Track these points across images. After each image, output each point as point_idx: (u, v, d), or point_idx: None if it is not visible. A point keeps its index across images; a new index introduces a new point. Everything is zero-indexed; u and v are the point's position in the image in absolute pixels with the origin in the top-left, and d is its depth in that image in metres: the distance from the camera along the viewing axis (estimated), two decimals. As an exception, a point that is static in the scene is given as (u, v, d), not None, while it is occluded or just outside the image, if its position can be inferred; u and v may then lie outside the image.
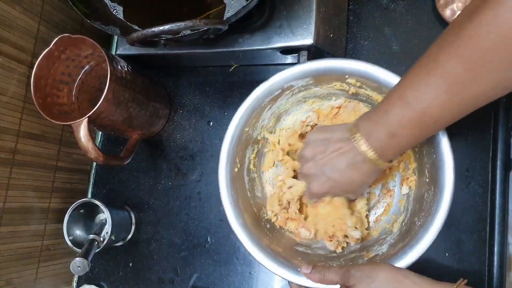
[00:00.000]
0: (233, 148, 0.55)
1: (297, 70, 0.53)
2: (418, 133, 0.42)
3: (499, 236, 0.55)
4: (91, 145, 0.55)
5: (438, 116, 0.40)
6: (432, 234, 0.47)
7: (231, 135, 0.55)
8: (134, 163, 0.73)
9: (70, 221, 0.66)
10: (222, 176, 0.54)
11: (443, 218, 0.47)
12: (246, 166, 0.58)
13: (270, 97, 0.55)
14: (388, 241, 0.53)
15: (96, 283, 0.72)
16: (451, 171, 0.47)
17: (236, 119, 0.55)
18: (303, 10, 0.57)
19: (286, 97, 0.57)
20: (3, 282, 0.61)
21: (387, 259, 0.48)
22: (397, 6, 0.64)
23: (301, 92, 0.57)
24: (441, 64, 0.37)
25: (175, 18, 0.47)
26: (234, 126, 0.55)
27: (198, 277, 0.68)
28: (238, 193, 0.55)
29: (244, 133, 0.56)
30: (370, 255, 0.52)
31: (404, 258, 0.47)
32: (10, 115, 0.60)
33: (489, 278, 0.55)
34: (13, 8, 0.59)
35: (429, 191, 0.50)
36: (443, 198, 0.47)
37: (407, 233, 0.50)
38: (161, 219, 0.71)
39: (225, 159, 0.54)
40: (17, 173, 0.62)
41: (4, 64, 0.59)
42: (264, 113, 0.57)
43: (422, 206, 0.51)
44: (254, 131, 0.58)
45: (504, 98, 0.58)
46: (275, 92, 0.55)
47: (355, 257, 0.53)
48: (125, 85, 0.60)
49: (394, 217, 0.56)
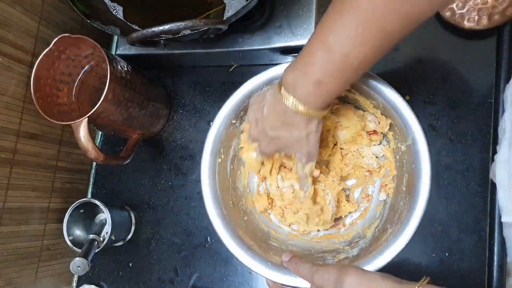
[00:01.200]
0: (219, 138, 0.56)
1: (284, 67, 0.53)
2: (345, 77, 0.42)
3: (499, 236, 0.55)
4: (91, 145, 0.55)
5: (360, 58, 0.39)
6: (402, 242, 0.47)
7: (218, 126, 0.55)
8: (134, 163, 0.73)
9: (70, 221, 0.66)
10: (205, 165, 0.55)
11: (414, 228, 0.47)
12: (230, 158, 0.59)
13: (260, 92, 0.55)
14: (360, 245, 0.53)
15: (96, 283, 0.72)
16: (427, 183, 0.48)
17: (224, 110, 0.55)
18: (303, 10, 0.58)
19: None
20: (3, 282, 0.61)
21: (356, 261, 0.49)
22: (397, 6, 0.64)
23: None
24: (354, 2, 0.37)
25: (175, 18, 0.47)
26: (222, 117, 0.55)
27: (198, 277, 0.68)
28: (219, 183, 0.55)
29: (231, 125, 0.56)
30: (340, 257, 0.53)
31: (372, 263, 0.47)
32: (10, 115, 0.60)
33: (489, 278, 0.55)
34: (13, 8, 0.59)
35: (404, 199, 0.51)
36: (416, 208, 0.48)
37: (379, 239, 0.51)
38: (161, 219, 0.71)
39: (210, 148, 0.55)
40: (17, 173, 0.62)
41: (4, 64, 0.59)
42: None
43: (396, 214, 0.51)
44: (242, 124, 0.58)
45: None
46: (265, 87, 0.55)
47: (325, 257, 0.53)
48: (125, 85, 0.60)
49: (369, 222, 0.57)
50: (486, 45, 0.60)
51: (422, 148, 0.49)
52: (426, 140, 0.49)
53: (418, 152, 0.49)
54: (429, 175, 0.48)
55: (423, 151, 0.49)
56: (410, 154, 0.50)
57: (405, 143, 0.51)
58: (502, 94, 0.57)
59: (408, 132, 0.50)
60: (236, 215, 0.56)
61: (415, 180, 0.49)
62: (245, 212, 0.59)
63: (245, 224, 0.57)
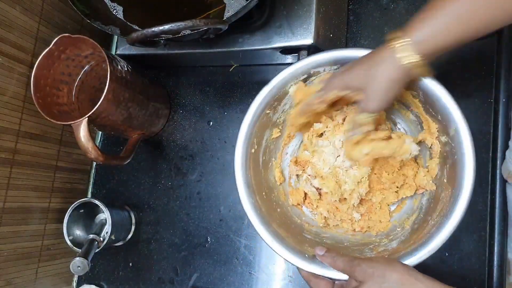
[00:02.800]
0: (252, 128, 0.54)
1: (326, 56, 0.52)
2: (456, 13, 0.41)
3: (499, 236, 0.55)
4: (91, 145, 0.55)
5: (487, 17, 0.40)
6: (445, 234, 0.46)
7: (252, 115, 0.54)
8: (134, 163, 0.73)
9: (70, 221, 0.66)
10: (238, 154, 0.54)
11: (458, 220, 0.46)
12: (263, 148, 0.58)
13: (296, 80, 0.54)
14: (399, 238, 0.52)
15: (96, 283, 0.72)
16: (471, 174, 0.46)
17: (258, 100, 0.54)
18: (303, 10, 0.57)
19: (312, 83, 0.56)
20: (3, 282, 0.61)
21: (396, 254, 0.48)
22: (397, 6, 0.64)
23: None
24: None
25: (175, 18, 0.47)
26: (255, 106, 0.54)
27: (198, 277, 0.68)
28: (252, 173, 0.55)
29: (265, 115, 0.55)
30: (379, 249, 0.52)
31: (415, 256, 0.46)
32: (10, 115, 0.60)
33: (489, 278, 0.55)
34: (13, 8, 0.59)
35: (446, 191, 0.50)
36: (459, 200, 0.46)
37: (418, 231, 0.50)
38: (161, 219, 0.71)
39: (243, 138, 0.54)
40: (17, 173, 0.62)
41: (4, 64, 0.59)
42: (287, 96, 0.56)
43: (437, 206, 0.50)
44: (275, 114, 0.57)
45: (504, 98, 0.58)
46: (300, 77, 0.54)
47: (362, 250, 0.52)
48: (125, 85, 0.60)
49: (407, 215, 0.56)
50: (486, 45, 0.60)
51: (465, 138, 0.47)
52: (469, 130, 0.47)
53: (461, 142, 0.47)
54: (473, 166, 0.46)
55: (467, 141, 0.47)
56: (452, 145, 0.49)
57: (447, 135, 0.50)
58: (502, 94, 0.57)
59: (451, 122, 0.48)
60: (269, 207, 0.55)
61: (458, 171, 0.47)
62: (278, 203, 0.58)
63: (278, 216, 0.56)
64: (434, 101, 0.49)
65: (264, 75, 0.70)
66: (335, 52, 0.52)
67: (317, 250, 0.49)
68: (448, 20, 0.41)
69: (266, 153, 0.59)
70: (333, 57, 0.52)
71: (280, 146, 0.61)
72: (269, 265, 0.65)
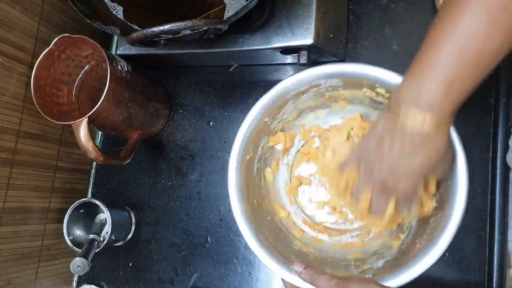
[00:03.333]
0: (249, 135, 0.54)
1: (329, 69, 0.52)
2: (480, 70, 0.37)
3: (499, 236, 0.55)
4: (91, 145, 0.55)
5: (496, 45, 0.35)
6: (431, 259, 0.46)
7: (250, 122, 0.54)
8: (134, 163, 0.73)
9: (70, 221, 0.66)
10: (233, 159, 0.54)
11: (445, 246, 0.46)
12: (258, 156, 0.58)
13: (296, 91, 0.54)
14: (386, 257, 0.52)
15: (96, 283, 0.72)
16: (463, 201, 0.46)
17: (257, 107, 0.54)
18: (303, 10, 0.57)
19: (312, 94, 0.56)
20: (3, 282, 0.61)
21: (380, 275, 0.48)
22: (397, 6, 0.64)
23: (328, 92, 0.56)
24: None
25: (175, 18, 0.47)
26: (254, 113, 0.54)
27: (198, 277, 0.68)
28: (245, 179, 0.55)
29: (263, 123, 0.55)
30: (364, 267, 0.52)
31: (398, 278, 0.46)
32: (10, 115, 0.60)
33: (489, 278, 0.55)
34: (13, 8, 0.59)
35: (436, 215, 0.49)
36: (448, 226, 0.46)
37: (406, 253, 0.50)
38: (161, 219, 0.71)
39: (239, 144, 0.54)
40: (17, 173, 0.62)
41: (4, 64, 0.59)
42: (287, 105, 0.56)
43: (426, 229, 0.50)
44: (273, 122, 0.57)
45: (504, 98, 0.58)
46: (302, 87, 0.54)
47: (348, 265, 0.53)
48: (125, 85, 0.60)
49: (396, 233, 0.55)
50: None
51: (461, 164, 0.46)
52: (465, 155, 0.46)
53: (456, 168, 0.46)
54: (465, 193, 0.46)
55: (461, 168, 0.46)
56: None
57: None
58: (502, 94, 0.57)
59: None
60: (260, 214, 0.56)
61: (450, 196, 0.47)
62: (268, 212, 0.58)
63: (268, 224, 0.56)
64: None
65: (264, 75, 0.70)
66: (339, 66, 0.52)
67: (296, 267, 0.48)
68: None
69: (261, 161, 0.59)
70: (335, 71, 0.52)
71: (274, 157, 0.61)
72: (269, 265, 0.65)
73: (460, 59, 0.36)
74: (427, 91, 0.37)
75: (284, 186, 0.62)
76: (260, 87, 0.63)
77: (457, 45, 0.36)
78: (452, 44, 0.36)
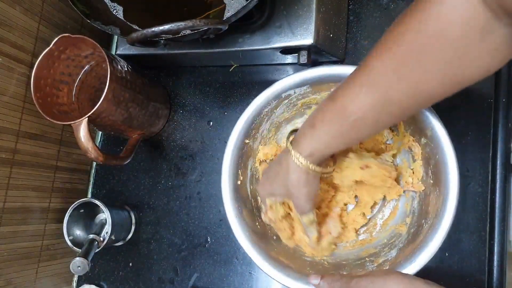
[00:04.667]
0: (235, 161, 0.55)
1: (293, 79, 0.54)
2: (338, 129, 0.42)
3: (499, 236, 0.55)
4: (91, 145, 0.55)
5: (359, 115, 0.40)
6: (441, 235, 0.46)
7: (232, 148, 0.55)
8: (134, 163, 0.73)
9: (70, 221, 0.66)
10: (225, 189, 0.54)
11: (450, 220, 0.47)
12: (249, 178, 0.58)
13: (268, 107, 0.56)
14: (397, 245, 0.52)
15: (96, 283, 0.72)
16: (455, 171, 0.47)
17: (236, 131, 0.55)
18: (303, 10, 0.57)
19: (285, 106, 0.57)
20: (3, 282, 0.61)
21: (397, 263, 0.48)
22: (397, 6, 0.64)
23: (299, 101, 0.57)
24: (372, 64, 0.38)
25: (175, 18, 0.47)
26: (234, 138, 0.55)
27: (198, 277, 0.68)
28: (242, 205, 0.55)
29: (245, 145, 0.56)
30: (380, 260, 0.52)
31: (415, 262, 0.47)
32: (10, 115, 0.60)
33: (489, 278, 0.55)
34: (13, 8, 0.59)
35: (434, 192, 0.50)
36: (448, 199, 0.47)
37: (416, 236, 0.50)
38: (161, 219, 0.71)
39: (227, 172, 0.55)
40: (17, 173, 0.62)
41: (4, 64, 0.59)
42: (263, 124, 0.58)
43: (428, 207, 0.51)
44: (255, 142, 0.58)
45: (504, 98, 0.58)
46: (273, 102, 0.55)
47: (364, 264, 0.52)
48: (125, 85, 0.60)
49: (401, 220, 0.56)
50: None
51: (443, 135, 0.48)
52: (445, 128, 0.48)
53: (439, 141, 0.48)
54: (455, 162, 0.47)
55: (444, 139, 0.48)
56: (431, 145, 0.50)
57: (425, 136, 0.51)
58: (502, 94, 0.57)
59: (427, 123, 0.49)
60: (265, 237, 0.55)
61: (442, 170, 0.48)
62: (274, 231, 0.57)
63: (275, 244, 0.56)
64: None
65: (264, 75, 0.70)
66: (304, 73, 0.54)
67: (312, 280, 0.48)
68: (330, 139, 0.43)
69: (253, 182, 0.59)
70: (304, 77, 0.54)
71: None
72: (269, 265, 0.65)
73: (325, 112, 0.43)
74: (302, 136, 0.45)
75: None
76: (260, 87, 0.62)
77: (330, 102, 0.42)
78: (328, 101, 0.43)
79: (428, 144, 0.51)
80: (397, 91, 0.37)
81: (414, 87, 0.37)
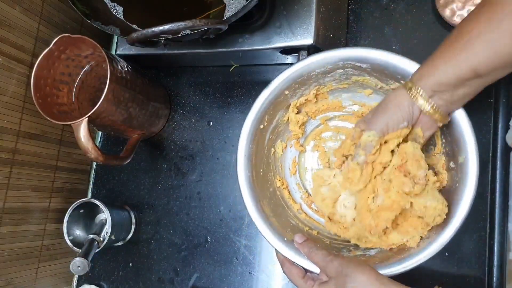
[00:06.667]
0: (267, 104, 0.54)
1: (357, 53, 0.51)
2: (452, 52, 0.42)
3: (499, 236, 0.55)
4: (91, 145, 0.55)
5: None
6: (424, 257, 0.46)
7: (270, 91, 0.53)
8: (134, 163, 0.73)
9: (70, 221, 0.66)
10: (247, 124, 0.53)
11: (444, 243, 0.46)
12: (272, 127, 0.58)
13: (321, 69, 0.53)
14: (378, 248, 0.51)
15: (96, 283, 0.72)
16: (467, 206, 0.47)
17: (281, 78, 0.53)
18: (303, 10, 0.57)
19: (338, 75, 0.55)
20: (3, 282, 0.61)
21: (371, 261, 0.47)
22: (397, 6, 0.64)
23: (353, 76, 0.55)
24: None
25: (175, 18, 0.47)
26: (276, 84, 0.53)
27: (198, 277, 0.68)
28: (255, 148, 0.55)
29: (283, 95, 0.55)
30: (356, 253, 0.52)
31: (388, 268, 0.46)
32: (10, 115, 0.60)
33: (489, 278, 0.55)
34: (13, 8, 0.59)
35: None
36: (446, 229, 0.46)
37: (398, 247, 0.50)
38: (161, 219, 0.71)
39: (256, 111, 0.54)
40: (17, 173, 0.62)
41: (4, 64, 0.59)
42: (308, 83, 0.55)
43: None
44: (293, 96, 0.56)
45: (504, 98, 0.58)
46: (328, 66, 0.53)
47: (341, 249, 0.53)
48: (125, 85, 0.60)
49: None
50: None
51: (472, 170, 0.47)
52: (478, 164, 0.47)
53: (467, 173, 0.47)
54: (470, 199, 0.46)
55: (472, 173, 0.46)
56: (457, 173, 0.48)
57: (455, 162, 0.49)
58: (502, 94, 0.57)
59: (463, 150, 0.48)
60: (263, 184, 0.56)
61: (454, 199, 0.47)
62: (272, 183, 0.58)
63: (269, 195, 0.56)
64: (453, 124, 0.49)
65: (264, 75, 0.70)
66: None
67: (297, 237, 0.49)
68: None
69: (274, 133, 0.59)
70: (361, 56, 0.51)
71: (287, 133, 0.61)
72: (269, 265, 0.65)
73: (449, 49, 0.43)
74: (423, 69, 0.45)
75: (291, 162, 0.61)
76: (260, 87, 0.63)
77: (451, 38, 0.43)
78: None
79: (454, 169, 0.49)
80: None
81: None
